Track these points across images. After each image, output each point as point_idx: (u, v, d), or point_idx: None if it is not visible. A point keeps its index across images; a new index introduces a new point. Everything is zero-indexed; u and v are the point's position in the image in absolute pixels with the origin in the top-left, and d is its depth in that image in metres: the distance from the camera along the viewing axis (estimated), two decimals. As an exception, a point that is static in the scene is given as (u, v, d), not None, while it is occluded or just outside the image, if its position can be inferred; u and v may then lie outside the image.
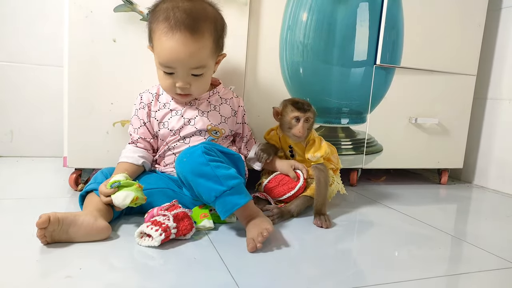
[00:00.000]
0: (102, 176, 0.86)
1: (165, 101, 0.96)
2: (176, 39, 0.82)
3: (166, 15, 0.83)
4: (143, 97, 0.97)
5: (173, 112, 0.95)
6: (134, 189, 0.79)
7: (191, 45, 0.83)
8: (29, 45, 1.40)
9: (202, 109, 0.96)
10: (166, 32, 0.83)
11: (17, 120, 1.43)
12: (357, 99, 1.28)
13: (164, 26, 0.83)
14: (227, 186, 0.77)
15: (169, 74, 0.87)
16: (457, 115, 1.45)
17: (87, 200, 0.82)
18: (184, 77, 0.88)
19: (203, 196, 0.79)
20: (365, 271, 0.72)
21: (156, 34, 0.85)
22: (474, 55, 1.43)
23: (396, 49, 1.29)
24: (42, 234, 0.68)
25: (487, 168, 1.53)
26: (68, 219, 0.71)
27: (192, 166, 0.79)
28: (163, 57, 0.85)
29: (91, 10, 0.97)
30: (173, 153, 0.95)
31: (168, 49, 0.83)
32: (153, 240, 0.72)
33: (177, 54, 0.83)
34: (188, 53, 0.84)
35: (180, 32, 0.82)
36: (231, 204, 0.78)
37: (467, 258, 0.83)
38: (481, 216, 1.18)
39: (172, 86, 0.89)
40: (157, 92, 0.97)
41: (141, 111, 0.96)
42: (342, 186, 1.10)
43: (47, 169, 1.30)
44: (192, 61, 0.85)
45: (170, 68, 0.86)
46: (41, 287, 0.57)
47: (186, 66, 0.86)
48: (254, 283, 0.63)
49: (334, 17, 1.20)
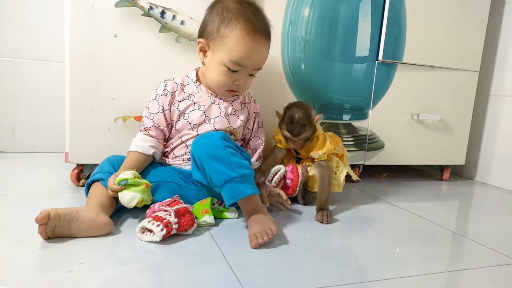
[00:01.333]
0: (108, 165, 0.87)
1: (190, 92, 0.96)
2: (257, 42, 0.88)
3: (245, 18, 0.87)
4: (167, 85, 0.95)
5: (195, 105, 0.95)
6: (141, 190, 0.79)
7: (265, 49, 0.92)
8: (31, 41, 1.40)
9: (224, 110, 0.96)
10: (248, 33, 0.86)
11: (19, 116, 1.43)
12: (359, 95, 1.28)
13: (246, 27, 0.86)
14: (238, 173, 0.79)
15: (232, 71, 0.90)
16: (459, 112, 1.45)
17: (91, 191, 0.83)
18: (246, 76, 0.92)
19: (213, 178, 0.81)
20: (367, 267, 0.72)
21: (234, 33, 0.87)
22: (477, 51, 1.42)
23: (398, 45, 1.29)
24: (43, 230, 0.68)
25: (489, 165, 1.52)
26: (70, 215, 0.71)
27: (208, 148, 0.82)
28: (240, 56, 0.87)
29: (92, 5, 0.97)
30: (185, 145, 0.95)
31: (248, 50, 0.87)
32: (154, 235, 0.73)
33: (255, 55, 0.89)
34: (262, 55, 0.92)
35: (260, 36, 0.88)
36: (239, 191, 0.79)
37: (468, 254, 0.82)
38: (483, 212, 1.18)
39: (230, 82, 0.92)
40: (182, 83, 0.97)
41: (163, 97, 0.94)
42: (352, 172, 1.11)
43: (49, 164, 1.30)
44: (261, 63, 0.93)
45: (239, 67, 0.89)
46: (43, 281, 0.57)
47: (255, 67, 0.92)
48: (255, 279, 0.63)
49: (336, 13, 1.20)
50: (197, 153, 0.84)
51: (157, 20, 1.02)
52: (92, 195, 0.82)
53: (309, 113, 0.98)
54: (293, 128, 0.96)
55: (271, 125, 1.09)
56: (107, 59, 1.00)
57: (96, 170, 0.87)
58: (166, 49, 1.04)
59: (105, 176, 0.84)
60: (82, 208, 0.75)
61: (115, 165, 0.88)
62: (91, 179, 0.85)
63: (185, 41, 1.05)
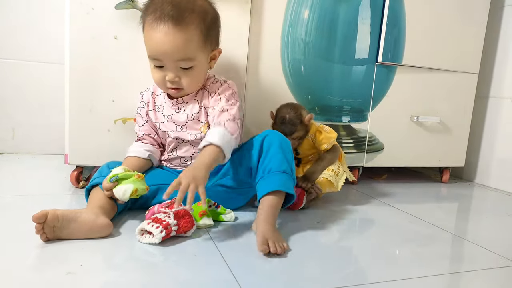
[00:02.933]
0: (107, 170, 0.87)
1: (160, 104, 0.96)
2: (160, 30, 0.82)
3: (155, 8, 0.84)
4: (143, 96, 0.98)
5: (165, 117, 0.95)
6: (132, 180, 0.79)
7: (175, 36, 0.82)
8: (31, 43, 1.40)
9: (190, 113, 0.93)
10: (151, 23, 0.83)
11: (18, 117, 1.43)
12: (359, 97, 1.28)
13: (151, 18, 0.83)
14: (292, 171, 0.86)
15: (159, 67, 0.87)
16: (458, 114, 1.45)
17: (91, 195, 0.83)
18: (173, 69, 0.86)
19: (273, 164, 0.84)
20: (366, 268, 0.72)
21: (145, 26, 0.86)
22: (477, 53, 1.43)
23: (398, 47, 1.29)
24: (39, 228, 0.68)
25: (489, 167, 1.52)
26: (69, 217, 0.71)
27: (284, 141, 0.88)
28: (150, 48, 0.85)
29: (92, 7, 0.97)
30: (177, 156, 0.96)
31: (154, 40, 0.83)
32: (153, 238, 0.72)
33: (162, 45, 0.83)
34: (172, 44, 0.83)
35: (164, 23, 0.82)
36: (289, 186, 0.83)
37: (468, 256, 0.82)
38: (482, 214, 1.18)
39: (162, 79, 0.88)
40: (154, 92, 0.98)
41: (142, 109, 0.97)
42: (350, 174, 1.11)
43: (49, 166, 1.30)
44: (177, 53, 0.84)
45: (158, 61, 0.86)
46: (42, 283, 0.57)
47: (172, 58, 0.84)
48: (254, 281, 0.63)
49: (336, 15, 1.20)
50: (271, 139, 0.87)
51: (157, 22, 1.02)
52: (92, 199, 0.82)
53: (299, 112, 1.01)
54: (285, 128, 0.99)
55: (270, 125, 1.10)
56: (107, 60, 1.00)
57: (95, 175, 0.87)
58: (166, 51, 1.04)
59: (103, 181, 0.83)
60: (81, 210, 0.75)
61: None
62: (90, 184, 0.85)
63: (185, 43, 1.05)
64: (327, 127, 1.07)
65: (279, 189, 0.82)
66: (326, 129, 1.06)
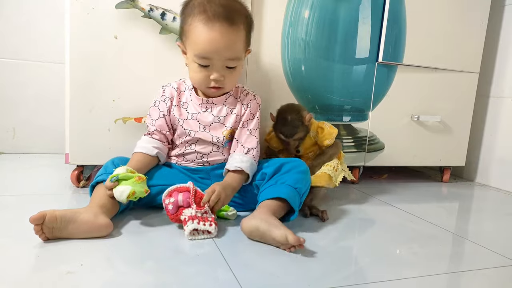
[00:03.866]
0: (112, 166, 0.87)
1: (185, 100, 0.96)
2: (215, 29, 0.84)
3: (203, 9, 0.85)
4: (165, 91, 0.96)
5: (189, 114, 0.95)
6: (132, 182, 0.79)
7: (230, 36, 0.86)
8: (31, 43, 1.40)
9: (217, 115, 0.95)
10: (205, 23, 0.84)
11: (19, 117, 1.43)
12: (359, 96, 1.28)
13: (202, 18, 0.84)
14: (303, 194, 0.88)
15: (204, 66, 0.88)
16: (459, 113, 1.45)
17: (94, 192, 0.83)
18: (219, 69, 0.88)
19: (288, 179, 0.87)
20: (366, 268, 0.72)
21: (193, 26, 0.86)
22: (477, 53, 1.43)
23: (398, 46, 1.29)
24: (38, 229, 0.68)
25: (489, 166, 1.52)
26: (67, 217, 0.71)
27: (308, 172, 0.92)
28: (202, 48, 0.85)
29: (92, 6, 0.97)
30: (194, 151, 0.95)
31: (207, 40, 0.84)
32: (211, 234, 0.78)
33: (216, 44, 0.85)
34: (226, 44, 0.86)
35: (219, 23, 0.84)
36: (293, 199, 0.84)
37: (468, 256, 0.82)
38: (483, 214, 1.18)
39: (206, 78, 0.89)
40: (179, 88, 0.97)
41: (162, 103, 0.96)
42: (349, 173, 1.11)
43: (49, 165, 1.30)
44: (229, 51, 0.87)
45: (206, 60, 0.87)
46: (42, 282, 0.57)
47: (223, 57, 0.87)
48: (254, 280, 0.63)
49: (336, 14, 1.20)
50: (298, 162, 0.91)
51: (157, 21, 1.02)
52: (94, 196, 0.82)
53: (300, 114, 1.02)
54: (286, 130, 1.00)
55: (271, 124, 1.10)
56: (107, 60, 1.00)
57: (100, 172, 0.87)
58: (166, 50, 1.04)
59: (106, 177, 0.84)
60: (80, 209, 0.74)
61: (118, 166, 0.87)
62: (95, 180, 0.85)
63: (185, 43, 1.05)
64: (327, 123, 1.08)
65: (284, 197, 0.82)
66: (327, 125, 1.07)
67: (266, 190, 0.87)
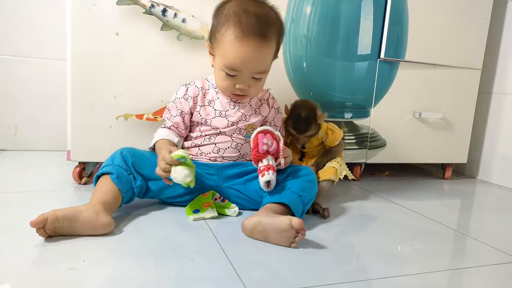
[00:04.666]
0: (120, 158, 0.85)
1: (211, 99, 0.96)
2: (249, 45, 0.84)
3: (238, 20, 0.84)
4: (189, 89, 0.95)
5: (217, 112, 0.95)
6: (193, 172, 0.80)
7: (262, 51, 0.86)
8: (33, 39, 1.40)
9: (244, 113, 0.96)
10: (239, 37, 0.83)
11: (21, 114, 1.43)
12: (361, 93, 1.27)
13: (236, 31, 0.83)
14: (306, 203, 0.87)
15: (231, 76, 0.88)
16: (461, 110, 1.44)
17: (99, 184, 0.83)
18: (246, 79, 0.89)
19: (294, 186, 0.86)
20: (368, 265, 0.72)
21: (226, 37, 0.85)
22: (480, 49, 1.42)
23: (400, 43, 1.28)
24: (41, 232, 0.68)
25: (491, 163, 1.52)
26: (69, 216, 0.70)
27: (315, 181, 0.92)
28: (233, 61, 0.85)
29: (93, 3, 0.97)
30: (213, 143, 0.95)
31: (240, 55, 0.84)
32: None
33: (248, 59, 0.85)
34: (257, 59, 0.86)
35: (253, 39, 0.83)
36: (296, 207, 0.83)
37: (470, 252, 0.82)
38: (485, 210, 1.18)
39: (232, 86, 0.90)
40: (203, 87, 0.96)
41: (184, 102, 0.95)
42: (350, 173, 1.11)
43: (51, 162, 1.31)
44: (259, 66, 0.88)
45: (235, 71, 0.87)
46: (45, 278, 0.57)
47: (252, 71, 0.88)
48: (256, 276, 0.63)
49: (338, 11, 1.19)
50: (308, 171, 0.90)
51: (158, 18, 1.02)
52: (97, 190, 0.81)
53: (315, 112, 1.01)
54: (299, 126, 1.00)
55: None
56: (108, 57, 1.00)
57: (107, 162, 0.86)
58: (167, 47, 1.04)
59: (115, 170, 0.83)
60: (82, 208, 0.74)
61: (128, 159, 0.86)
62: (100, 171, 0.84)
63: (186, 39, 1.05)
64: (335, 125, 1.08)
65: (287, 203, 0.82)
66: (335, 127, 1.07)
67: (271, 194, 0.86)
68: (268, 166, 0.83)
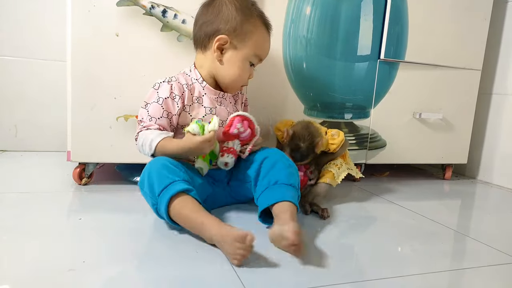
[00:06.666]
0: (167, 171, 0.77)
1: (198, 95, 0.91)
2: (269, 35, 0.95)
3: (259, 13, 0.93)
4: (174, 87, 0.88)
5: (207, 109, 0.92)
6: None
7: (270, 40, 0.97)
8: (33, 40, 1.41)
9: (228, 109, 0.96)
10: (265, 27, 0.93)
11: (21, 115, 1.44)
12: (361, 93, 1.27)
13: (260, 22, 0.92)
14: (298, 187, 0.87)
15: (251, 65, 0.94)
16: (461, 110, 1.44)
17: (190, 214, 0.74)
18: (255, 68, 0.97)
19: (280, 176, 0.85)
20: (368, 265, 0.72)
21: (258, 28, 0.91)
22: (480, 50, 1.42)
23: (400, 44, 1.28)
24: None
25: (492, 164, 1.52)
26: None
27: (284, 157, 0.90)
28: (262, 49, 0.94)
29: (93, 4, 0.97)
30: None
31: (267, 42, 0.95)
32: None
33: (269, 47, 0.96)
34: (269, 47, 0.97)
35: (269, 28, 0.95)
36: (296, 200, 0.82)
37: (470, 253, 0.82)
38: (485, 211, 1.18)
39: (247, 77, 0.95)
40: (187, 82, 0.91)
41: (171, 102, 0.87)
42: (357, 170, 1.12)
43: (51, 163, 1.31)
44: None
45: (258, 60, 0.94)
46: (44, 279, 0.58)
47: (264, 59, 0.96)
48: (256, 277, 0.63)
49: (338, 11, 1.19)
50: (276, 156, 0.88)
51: (158, 19, 1.02)
52: (198, 215, 0.73)
53: (314, 142, 0.98)
54: (296, 155, 0.99)
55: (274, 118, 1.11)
56: (108, 58, 1.00)
57: (166, 181, 0.75)
58: (167, 48, 1.04)
59: (188, 185, 0.76)
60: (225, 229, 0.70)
61: (170, 166, 0.77)
62: (170, 195, 0.73)
63: (186, 40, 1.05)
64: (334, 131, 1.05)
65: (292, 201, 0.80)
66: (335, 135, 1.04)
67: (268, 193, 0.83)
68: (231, 150, 0.87)
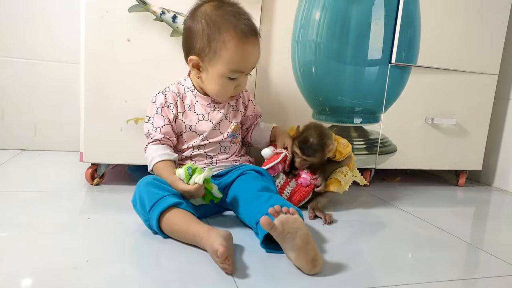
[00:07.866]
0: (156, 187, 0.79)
1: (190, 103, 0.95)
2: (250, 43, 0.87)
3: (231, 23, 0.85)
4: (167, 96, 0.94)
5: (199, 116, 0.95)
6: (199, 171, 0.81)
7: (258, 46, 0.91)
8: (52, 44, 1.46)
9: (225, 113, 0.97)
10: (241, 39, 0.86)
11: (40, 115, 1.49)
12: (371, 98, 1.26)
13: (236, 33, 0.85)
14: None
15: (233, 79, 0.90)
16: (476, 116, 1.41)
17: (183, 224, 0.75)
18: (244, 78, 0.93)
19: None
20: (374, 272, 0.71)
21: (228, 43, 0.85)
22: (496, 54, 1.38)
23: (412, 48, 1.26)
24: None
25: (508, 170, 1.47)
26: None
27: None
28: (239, 63, 0.87)
29: (106, 10, 1.00)
30: (204, 152, 0.96)
31: (245, 55, 0.88)
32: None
33: (251, 58, 0.90)
34: (257, 55, 0.91)
35: (251, 38, 0.87)
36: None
37: (480, 265, 0.81)
38: (499, 220, 1.15)
39: (231, 89, 0.92)
40: (179, 92, 0.96)
41: (167, 110, 0.93)
42: (362, 178, 1.11)
43: (66, 163, 1.35)
44: (256, 61, 0.93)
45: (239, 73, 0.89)
46: (49, 277, 0.60)
47: (251, 68, 0.92)
48: (253, 281, 0.64)
49: (348, 15, 1.19)
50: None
51: (168, 24, 1.04)
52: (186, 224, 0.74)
53: (324, 141, 0.97)
54: (305, 147, 0.97)
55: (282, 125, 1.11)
56: (120, 62, 1.03)
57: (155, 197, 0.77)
58: (176, 52, 1.06)
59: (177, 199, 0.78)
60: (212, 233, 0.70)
61: (162, 184, 0.80)
62: (159, 211, 0.75)
63: (196, 45, 1.07)
64: (344, 141, 1.04)
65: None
66: (344, 144, 1.04)
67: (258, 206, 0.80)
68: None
